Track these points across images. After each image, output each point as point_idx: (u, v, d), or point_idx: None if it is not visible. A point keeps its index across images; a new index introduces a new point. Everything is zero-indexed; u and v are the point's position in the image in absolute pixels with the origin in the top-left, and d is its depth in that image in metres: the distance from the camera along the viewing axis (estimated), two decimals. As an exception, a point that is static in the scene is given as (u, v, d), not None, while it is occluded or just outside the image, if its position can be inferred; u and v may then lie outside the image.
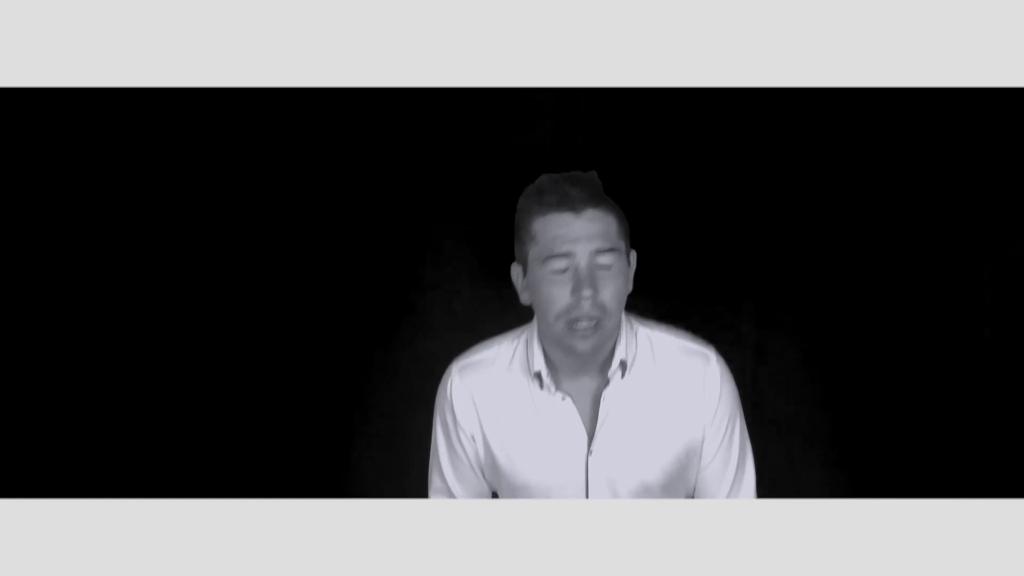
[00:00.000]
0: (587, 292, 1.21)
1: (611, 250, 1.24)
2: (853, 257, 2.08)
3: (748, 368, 2.05)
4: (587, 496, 1.33)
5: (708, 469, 1.37)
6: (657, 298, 1.59)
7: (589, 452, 1.31)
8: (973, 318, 2.04)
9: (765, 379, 2.08)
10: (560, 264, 1.23)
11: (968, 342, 2.04)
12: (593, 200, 1.25)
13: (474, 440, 1.38)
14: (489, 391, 1.36)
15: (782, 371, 2.10)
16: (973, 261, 2.03)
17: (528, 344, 1.35)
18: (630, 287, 1.32)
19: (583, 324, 1.22)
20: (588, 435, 1.32)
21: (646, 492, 1.34)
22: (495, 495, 1.46)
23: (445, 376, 1.41)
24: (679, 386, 1.34)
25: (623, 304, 1.29)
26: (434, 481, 1.46)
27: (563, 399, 1.31)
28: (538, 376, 1.32)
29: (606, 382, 1.31)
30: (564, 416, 1.32)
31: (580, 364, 1.31)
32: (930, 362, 2.06)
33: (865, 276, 2.08)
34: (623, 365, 1.31)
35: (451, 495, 1.43)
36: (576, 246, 1.22)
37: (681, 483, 1.37)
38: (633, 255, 1.33)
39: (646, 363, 1.34)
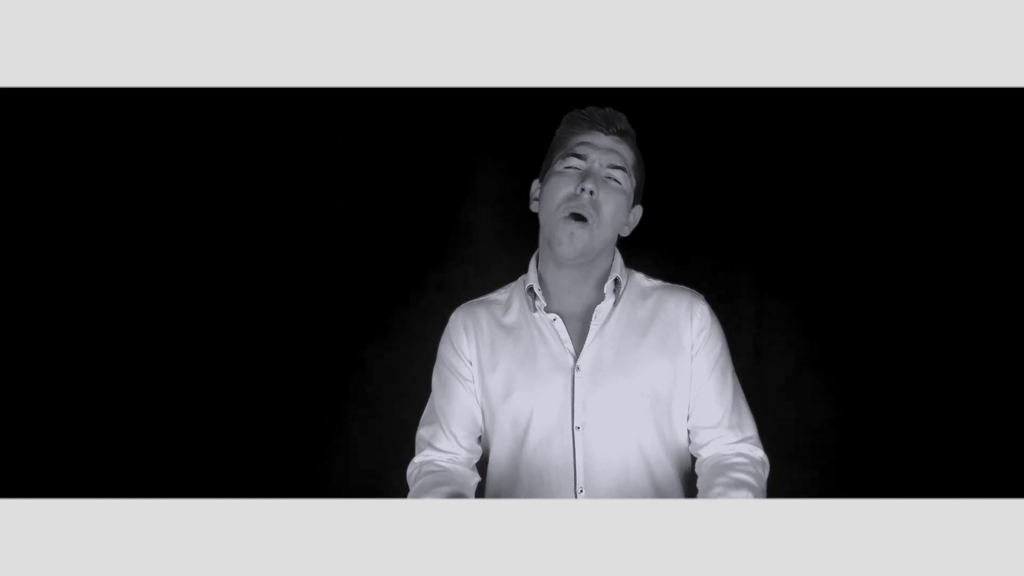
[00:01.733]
0: (589, 185, 1.33)
1: (623, 169, 1.37)
2: (852, 258, 2.08)
3: (749, 367, 2.06)
4: (572, 419, 1.35)
5: (701, 395, 1.40)
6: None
7: (576, 368, 1.36)
8: (973, 318, 2.04)
9: (766, 377, 2.08)
10: (575, 162, 1.37)
11: (967, 342, 2.04)
12: (625, 132, 1.40)
13: (471, 364, 1.44)
14: (486, 319, 1.45)
15: (781, 369, 2.11)
16: (973, 260, 2.03)
17: (525, 275, 1.46)
18: (627, 231, 1.44)
19: (577, 218, 1.32)
20: (576, 352, 1.38)
21: (630, 421, 1.36)
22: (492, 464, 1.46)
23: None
24: (667, 314, 1.41)
25: (616, 227, 1.38)
26: (424, 417, 1.49)
27: (553, 320, 1.39)
28: (531, 291, 1.41)
29: (597, 301, 1.40)
30: (554, 335, 1.39)
31: (570, 281, 1.40)
32: (929, 363, 2.06)
33: (864, 278, 2.08)
34: (617, 282, 1.40)
35: (441, 428, 1.45)
36: (594, 152, 1.37)
37: (667, 414, 1.39)
38: (639, 209, 1.45)
39: (635, 292, 1.44)
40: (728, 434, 1.40)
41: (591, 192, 1.33)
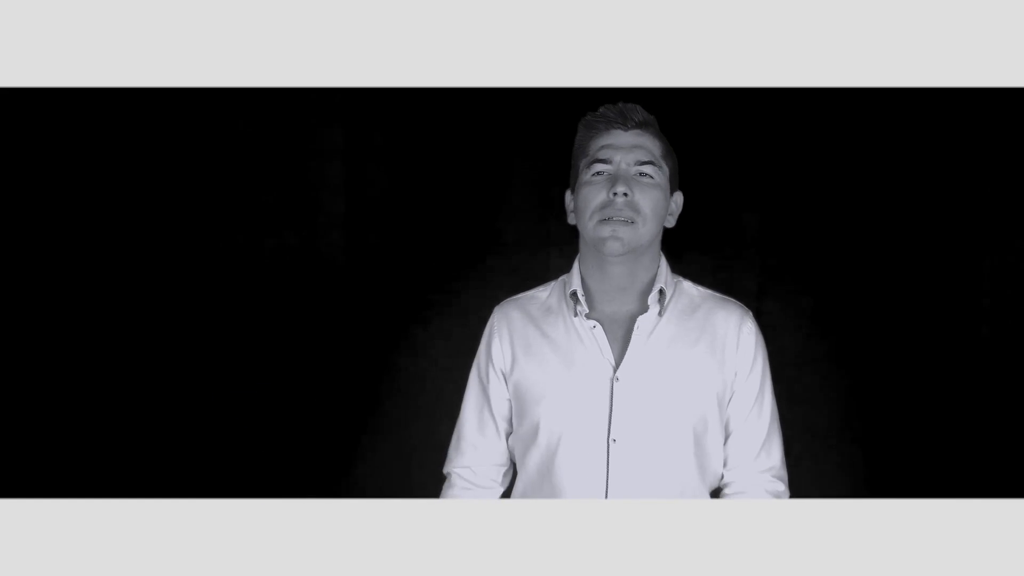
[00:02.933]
0: (621, 188, 1.29)
1: (651, 163, 1.33)
2: (853, 257, 2.08)
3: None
4: (609, 431, 1.30)
5: (741, 419, 1.37)
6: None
7: (615, 379, 1.32)
8: (972, 317, 2.04)
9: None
10: (601, 167, 1.33)
11: (967, 341, 2.04)
12: (645, 124, 1.35)
13: (503, 379, 1.41)
14: (524, 319, 1.41)
15: (781, 369, 2.11)
16: (973, 260, 2.03)
17: (568, 276, 1.42)
18: (672, 221, 1.40)
19: (616, 219, 1.29)
20: (616, 362, 1.33)
21: (668, 435, 1.31)
22: (513, 478, 1.44)
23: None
24: (715, 329, 1.36)
25: (660, 220, 1.34)
26: (456, 428, 1.46)
27: (594, 327, 1.34)
28: (573, 296, 1.36)
29: (641, 310, 1.35)
30: (592, 343, 1.34)
31: (615, 288, 1.36)
32: (929, 362, 2.06)
33: (865, 278, 2.08)
34: (662, 293, 1.36)
35: (466, 441, 1.44)
36: (617, 154, 1.32)
37: (706, 434, 1.34)
38: (679, 195, 1.41)
39: (683, 303, 1.39)
40: (753, 461, 1.38)
41: (625, 194, 1.29)
